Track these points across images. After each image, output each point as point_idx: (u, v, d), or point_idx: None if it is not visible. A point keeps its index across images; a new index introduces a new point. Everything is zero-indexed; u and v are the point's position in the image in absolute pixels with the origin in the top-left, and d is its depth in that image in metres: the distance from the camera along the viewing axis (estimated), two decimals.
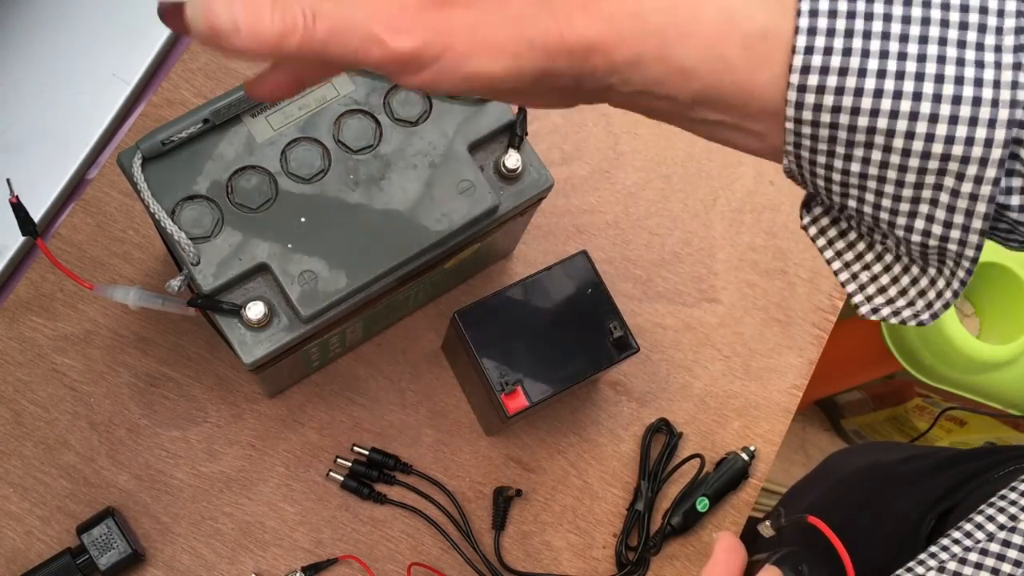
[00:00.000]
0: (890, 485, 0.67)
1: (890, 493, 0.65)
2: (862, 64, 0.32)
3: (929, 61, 0.31)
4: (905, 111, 0.32)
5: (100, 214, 0.66)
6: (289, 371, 0.61)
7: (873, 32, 0.32)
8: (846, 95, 0.32)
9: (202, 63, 0.70)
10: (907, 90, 0.32)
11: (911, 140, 0.32)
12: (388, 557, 0.63)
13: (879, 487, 0.68)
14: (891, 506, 0.63)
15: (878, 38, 0.32)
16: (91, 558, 0.58)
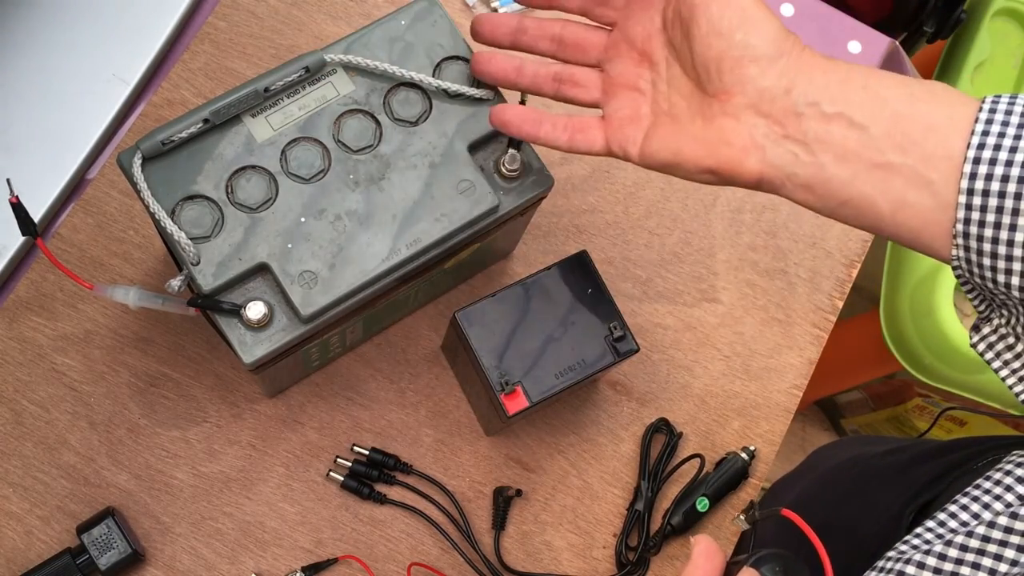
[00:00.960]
0: (871, 478, 0.67)
1: (871, 486, 0.65)
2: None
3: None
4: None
5: (100, 214, 0.66)
6: (289, 371, 0.61)
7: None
8: (1014, 167, 0.40)
9: (202, 63, 0.70)
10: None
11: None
12: (388, 557, 0.63)
13: (860, 481, 0.68)
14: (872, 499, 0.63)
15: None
16: (91, 558, 0.58)
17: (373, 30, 0.56)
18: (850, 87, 0.44)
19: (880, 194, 0.43)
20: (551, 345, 0.58)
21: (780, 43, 0.45)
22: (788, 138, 0.45)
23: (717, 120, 0.46)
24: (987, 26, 1.09)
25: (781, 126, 0.45)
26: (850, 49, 0.79)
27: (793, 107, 0.44)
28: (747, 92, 0.45)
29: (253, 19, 0.71)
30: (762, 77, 0.45)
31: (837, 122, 0.44)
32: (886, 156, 0.43)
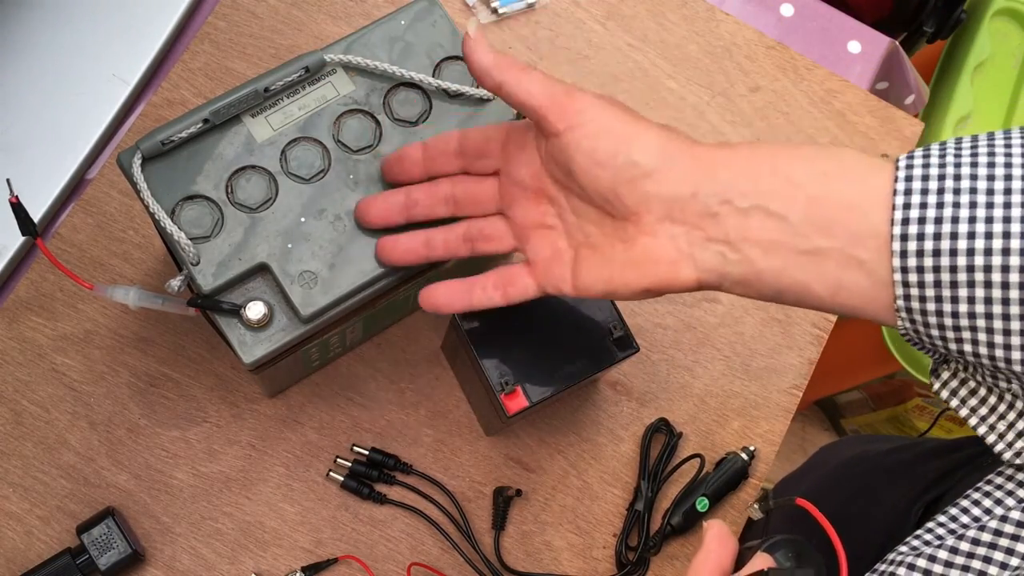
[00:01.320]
0: (877, 476, 0.67)
1: (877, 484, 0.65)
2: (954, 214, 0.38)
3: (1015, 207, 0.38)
4: (998, 248, 0.37)
5: (100, 214, 0.66)
6: (289, 371, 0.61)
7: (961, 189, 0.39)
8: (943, 239, 0.38)
9: (202, 63, 0.70)
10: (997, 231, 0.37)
11: (1007, 273, 0.37)
12: (388, 557, 0.63)
13: (866, 478, 0.68)
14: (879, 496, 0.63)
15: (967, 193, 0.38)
16: (91, 558, 0.58)
17: (373, 30, 0.56)
18: (758, 175, 0.43)
19: (814, 279, 0.42)
20: (551, 345, 0.58)
21: (666, 148, 0.45)
22: (711, 240, 0.44)
23: (637, 241, 0.45)
24: (987, 26, 1.09)
25: (700, 230, 0.44)
26: (850, 49, 0.79)
27: (705, 209, 0.43)
28: (653, 208, 0.44)
29: (253, 19, 0.71)
30: (663, 188, 0.44)
31: (755, 215, 0.43)
32: (812, 242, 0.42)
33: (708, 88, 0.76)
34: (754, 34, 0.77)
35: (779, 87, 0.76)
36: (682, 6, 0.77)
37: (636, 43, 0.76)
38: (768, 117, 0.75)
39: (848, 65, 0.79)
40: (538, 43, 0.75)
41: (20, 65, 0.68)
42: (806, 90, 0.76)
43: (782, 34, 0.79)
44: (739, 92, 0.76)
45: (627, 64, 0.75)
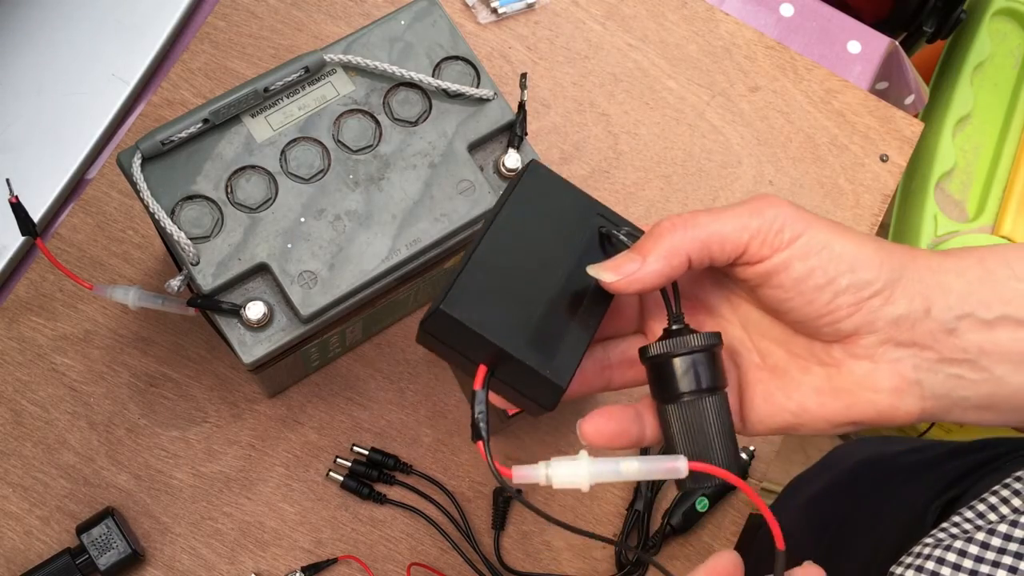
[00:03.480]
0: (893, 476, 0.66)
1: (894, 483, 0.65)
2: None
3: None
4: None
5: (100, 214, 0.66)
6: (289, 371, 0.61)
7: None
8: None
9: (202, 63, 0.70)
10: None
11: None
12: (388, 557, 0.63)
13: (882, 478, 0.68)
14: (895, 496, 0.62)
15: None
16: (91, 558, 0.58)
17: (373, 30, 0.56)
18: (998, 281, 0.38)
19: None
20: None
21: (890, 261, 0.38)
22: (946, 361, 0.38)
23: (845, 365, 0.39)
24: (987, 26, 1.09)
25: (933, 350, 0.38)
26: (850, 49, 0.79)
27: (941, 326, 0.38)
28: (878, 328, 0.38)
29: (253, 19, 0.71)
30: (891, 306, 0.38)
31: (1002, 327, 0.38)
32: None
33: (708, 88, 0.76)
34: (754, 34, 0.77)
35: (779, 87, 0.76)
36: (682, 6, 0.77)
37: (636, 43, 0.76)
38: (768, 117, 0.75)
39: (848, 65, 0.79)
40: (538, 43, 0.75)
41: (20, 65, 0.68)
42: (806, 90, 0.76)
43: (782, 34, 0.79)
44: (739, 92, 0.76)
45: (627, 64, 0.75)
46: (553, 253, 0.41)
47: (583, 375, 0.42)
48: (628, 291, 0.39)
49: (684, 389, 0.39)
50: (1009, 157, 1.03)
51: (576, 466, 0.38)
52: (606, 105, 0.74)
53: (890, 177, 0.75)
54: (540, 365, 0.38)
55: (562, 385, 0.39)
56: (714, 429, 0.39)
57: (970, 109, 1.05)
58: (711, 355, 0.39)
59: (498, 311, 0.39)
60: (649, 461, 0.38)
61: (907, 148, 0.76)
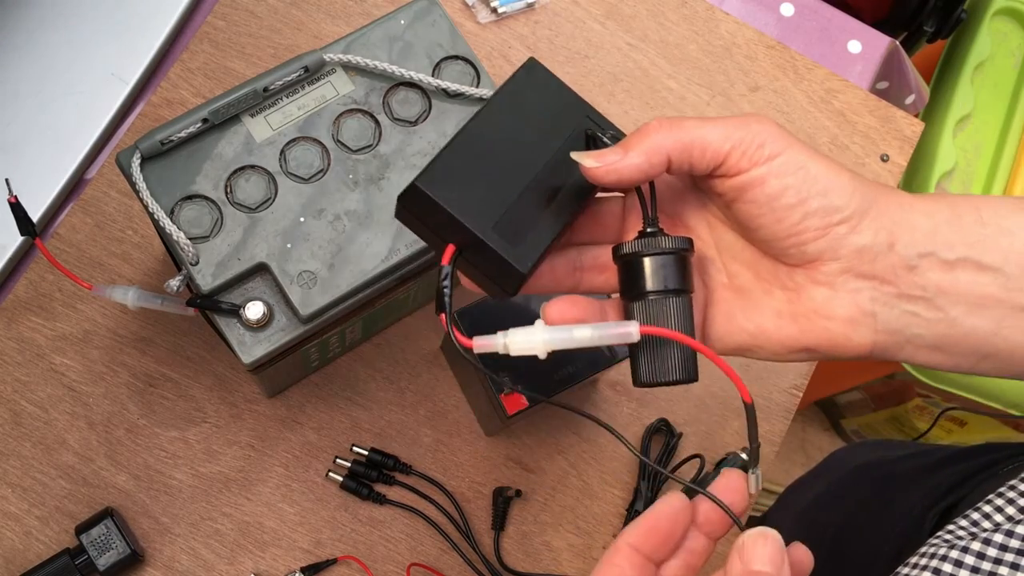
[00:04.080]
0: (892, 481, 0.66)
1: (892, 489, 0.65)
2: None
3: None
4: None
5: (99, 214, 0.66)
6: (288, 371, 0.61)
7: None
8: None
9: (201, 63, 0.69)
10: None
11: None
12: (387, 558, 0.63)
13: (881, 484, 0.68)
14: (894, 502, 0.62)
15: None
16: (90, 558, 0.58)
17: (372, 29, 0.55)
18: (964, 225, 0.39)
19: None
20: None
21: (862, 191, 0.39)
22: (903, 296, 0.39)
23: (806, 290, 0.40)
24: (987, 26, 1.09)
25: (892, 284, 0.39)
26: (850, 49, 0.79)
27: (903, 261, 0.39)
28: (841, 256, 0.39)
29: (252, 18, 0.71)
30: (856, 235, 0.39)
31: (962, 268, 0.38)
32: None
33: (708, 88, 0.76)
34: (754, 34, 0.77)
35: (779, 87, 0.76)
36: (682, 6, 0.77)
37: (636, 42, 0.76)
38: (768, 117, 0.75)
39: (848, 65, 0.79)
40: (538, 43, 0.75)
41: (19, 64, 0.67)
42: (806, 90, 0.76)
43: (782, 34, 0.79)
44: (739, 92, 0.76)
45: (627, 64, 0.75)
46: (537, 145, 0.42)
47: (553, 272, 0.43)
48: (606, 180, 0.40)
49: (651, 288, 0.40)
50: (1009, 157, 1.03)
51: (532, 333, 0.39)
52: (606, 105, 0.74)
53: (891, 177, 0.75)
54: (503, 249, 0.39)
55: (523, 271, 0.39)
56: (676, 328, 0.40)
57: (970, 109, 1.05)
58: (680, 259, 0.40)
59: (471, 193, 0.39)
60: (602, 327, 0.39)
61: (908, 148, 0.76)
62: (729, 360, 0.69)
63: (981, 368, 0.40)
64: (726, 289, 0.42)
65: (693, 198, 0.43)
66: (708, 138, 0.39)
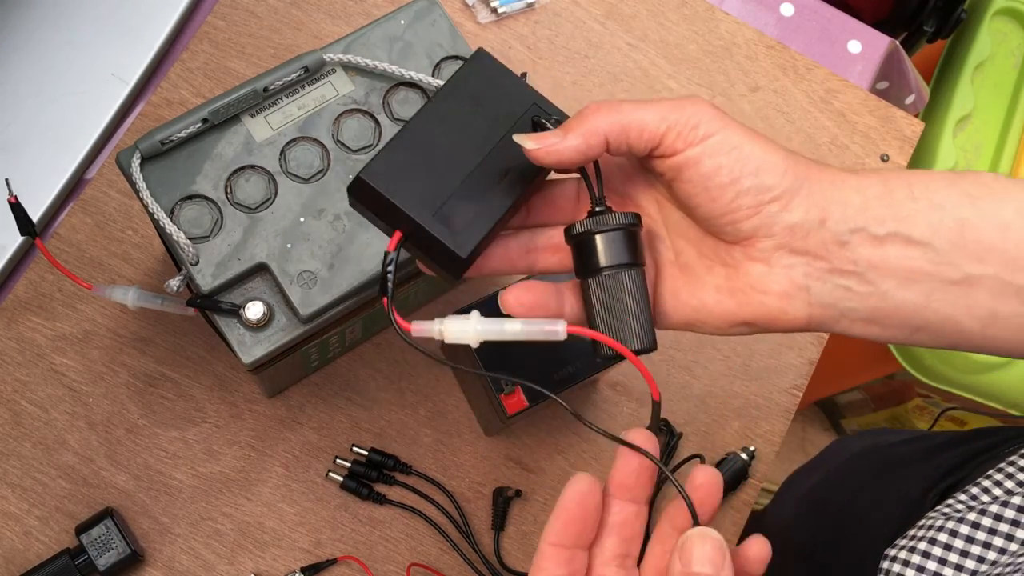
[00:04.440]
0: (892, 465, 0.66)
1: (892, 472, 0.64)
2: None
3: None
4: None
5: (99, 214, 0.66)
6: (288, 371, 0.61)
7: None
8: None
9: (201, 63, 0.69)
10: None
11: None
12: (387, 558, 0.63)
13: (881, 467, 0.67)
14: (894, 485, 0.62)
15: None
16: (90, 558, 0.58)
17: (372, 29, 0.55)
18: (895, 200, 0.39)
19: (963, 312, 0.39)
20: (551, 345, 0.58)
21: (794, 170, 0.40)
22: (836, 271, 0.40)
23: (743, 266, 0.41)
24: (987, 26, 1.09)
25: (824, 260, 0.40)
26: (850, 49, 0.79)
27: (834, 237, 0.39)
28: (774, 233, 0.40)
29: (252, 18, 0.71)
30: (788, 213, 0.40)
31: (893, 243, 0.39)
32: (962, 270, 0.38)
33: (708, 88, 0.75)
34: (754, 34, 0.77)
35: (779, 87, 0.76)
36: (682, 6, 0.77)
37: (636, 42, 0.76)
38: (768, 117, 0.75)
39: (848, 65, 0.79)
40: (538, 43, 0.75)
41: (19, 64, 0.67)
42: (806, 90, 0.76)
43: (782, 34, 0.79)
44: (739, 92, 0.76)
45: (627, 64, 0.75)
46: (483, 133, 0.43)
47: (507, 254, 0.44)
48: (547, 161, 0.41)
49: (604, 263, 0.41)
50: (1009, 157, 1.03)
51: (466, 323, 0.40)
52: None
53: None
54: (443, 235, 0.41)
55: (463, 256, 0.41)
56: (630, 301, 0.41)
57: (971, 109, 1.05)
58: (630, 234, 0.41)
59: (414, 183, 0.41)
60: (531, 323, 0.40)
61: (908, 148, 0.76)
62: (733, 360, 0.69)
63: (915, 339, 0.41)
64: (673, 266, 0.44)
65: (641, 179, 0.44)
66: (645, 120, 0.40)
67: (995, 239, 0.38)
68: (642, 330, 0.41)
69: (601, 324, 0.41)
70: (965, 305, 0.39)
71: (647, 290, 0.41)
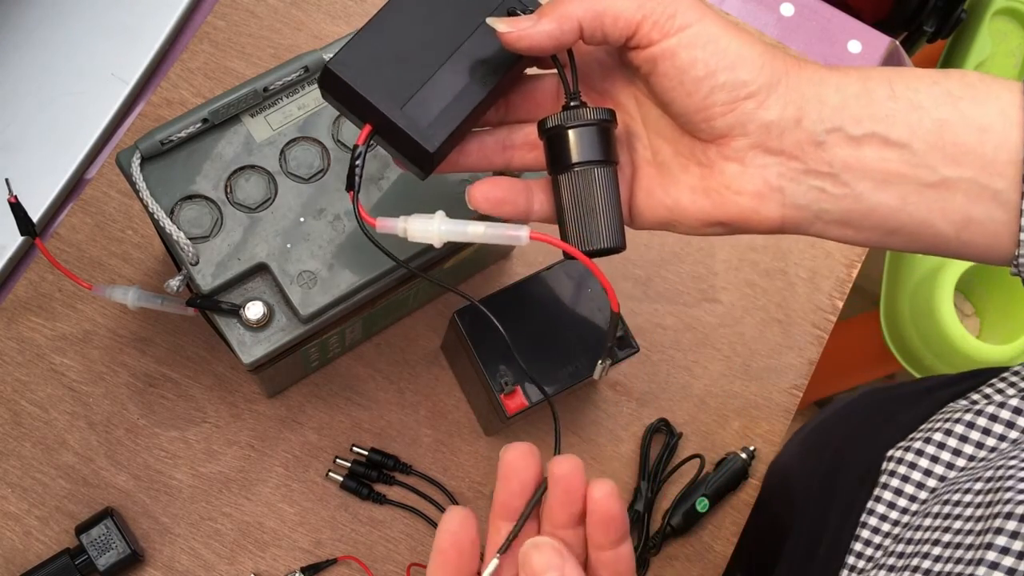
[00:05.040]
0: (892, 403, 0.65)
1: (892, 410, 0.64)
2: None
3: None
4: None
5: (99, 214, 0.66)
6: (288, 371, 0.61)
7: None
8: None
9: (201, 63, 0.69)
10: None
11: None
12: (387, 558, 0.63)
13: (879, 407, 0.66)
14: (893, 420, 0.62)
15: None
16: (90, 559, 0.58)
17: None
18: (874, 99, 0.38)
19: (939, 215, 0.38)
20: (551, 345, 0.58)
21: (771, 65, 0.39)
22: (810, 172, 0.39)
23: (717, 166, 0.40)
24: (987, 26, 1.09)
25: (799, 160, 0.39)
26: (850, 49, 0.79)
27: (810, 137, 0.38)
28: (749, 132, 0.39)
29: (252, 18, 0.71)
30: (765, 111, 0.39)
31: (870, 144, 0.38)
32: (938, 172, 0.37)
33: None
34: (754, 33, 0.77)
35: None
36: None
37: None
38: None
39: (848, 65, 0.79)
40: None
41: (19, 64, 0.67)
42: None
43: (782, 34, 0.79)
44: None
45: None
46: (457, 24, 0.42)
47: (483, 150, 0.44)
48: (519, 46, 0.40)
49: (576, 159, 0.41)
50: None
51: (429, 222, 0.40)
52: None
53: None
54: (411, 128, 0.40)
55: (430, 149, 0.40)
56: (601, 198, 0.40)
57: None
58: (603, 130, 0.41)
59: (385, 75, 0.40)
60: (494, 227, 0.40)
61: None
62: (733, 360, 0.69)
63: (889, 242, 0.40)
64: (649, 165, 0.43)
65: (621, 74, 0.44)
66: (620, 7, 0.39)
67: (973, 141, 0.37)
68: (610, 228, 0.41)
69: (569, 222, 0.41)
70: (940, 208, 0.38)
71: (618, 188, 0.41)
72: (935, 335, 1.08)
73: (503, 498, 0.37)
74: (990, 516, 0.40)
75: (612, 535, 0.35)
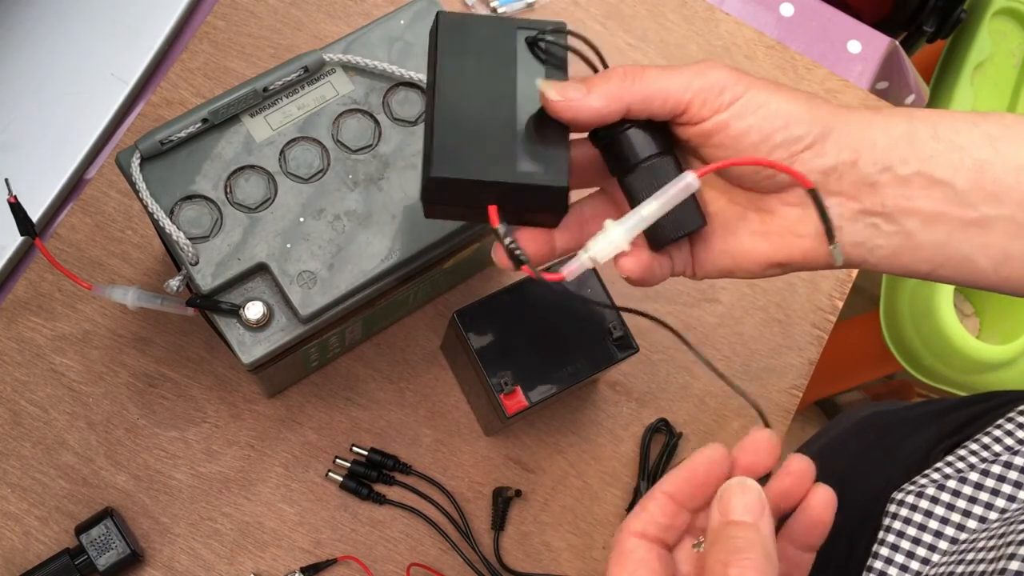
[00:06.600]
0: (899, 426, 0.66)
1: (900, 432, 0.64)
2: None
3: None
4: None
5: (99, 214, 0.66)
6: (288, 371, 0.61)
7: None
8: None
9: (201, 63, 0.69)
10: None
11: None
12: (387, 558, 0.63)
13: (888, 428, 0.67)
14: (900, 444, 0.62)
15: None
16: (90, 559, 0.58)
17: (372, 29, 0.55)
18: (919, 140, 0.40)
19: (979, 251, 0.40)
20: (551, 345, 0.58)
21: (820, 115, 0.41)
22: (866, 212, 0.41)
23: (778, 212, 0.42)
24: (987, 26, 1.09)
25: (856, 200, 0.41)
26: (850, 49, 0.79)
27: (864, 178, 0.40)
28: (810, 180, 0.41)
29: (252, 18, 0.71)
30: (821, 159, 0.41)
31: (917, 183, 0.40)
32: (979, 210, 0.40)
33: None
34: (754, 34, 0.77)
35: None
36: (682, 6, 0.77)
37: (636, 42, 0.76)
38: None
39: (848, 65, 0.79)
40: None
41: (19, 64, 0.67)
42: (806, 89, 0.76)
43: (782, 34, 0.79)
44: None
45: (627, 64, 0.75)
46: (500, 82, 0.43)
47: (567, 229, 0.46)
48: (564, 116, 0.41)
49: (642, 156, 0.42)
50: None
51: (609, 236, 0.42)
52: None
53: None
54: (537, 179, 0.41)
55: (564, 184, 0.41)
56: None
57: (970, 109, 1.05)
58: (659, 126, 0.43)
59: (478, 153, 0.41)
60: (662, 193, 0.41)
61: None
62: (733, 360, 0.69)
63: (937, 275, 0.42)
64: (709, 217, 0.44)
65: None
66: (669, 89, 0.41)
67: (1011, 180, 0.39)
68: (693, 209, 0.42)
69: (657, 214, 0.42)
70: (980, 244, 0.40)
71: None
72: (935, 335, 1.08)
73: (685, 483, 0.38)
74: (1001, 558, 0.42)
75: (813, 540, 0.37)
